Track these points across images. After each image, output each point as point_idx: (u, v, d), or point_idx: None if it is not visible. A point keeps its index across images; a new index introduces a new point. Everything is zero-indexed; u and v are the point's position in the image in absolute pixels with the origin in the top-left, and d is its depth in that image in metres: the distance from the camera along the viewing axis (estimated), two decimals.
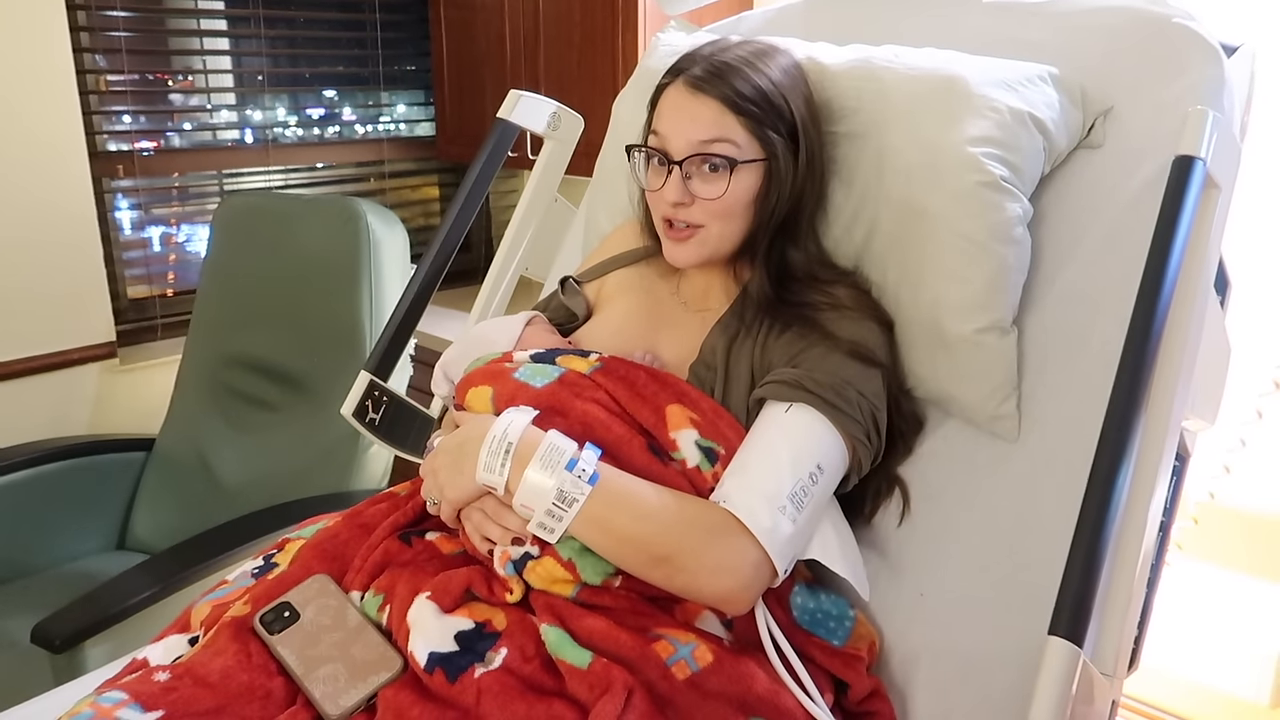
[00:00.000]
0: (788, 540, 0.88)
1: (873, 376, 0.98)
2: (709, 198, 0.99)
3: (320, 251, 1.99)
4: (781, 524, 0.88)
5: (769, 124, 0.99)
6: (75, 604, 1.50)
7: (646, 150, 1.04)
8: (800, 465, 0.91)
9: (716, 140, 0.98)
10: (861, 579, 0.97)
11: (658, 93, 1.05)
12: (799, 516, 0.89)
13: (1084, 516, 0.78)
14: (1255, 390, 1.73)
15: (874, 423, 0.97)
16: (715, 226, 1.02)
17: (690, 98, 1.00)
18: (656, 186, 1.03)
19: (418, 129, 3.02)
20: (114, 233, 2.43)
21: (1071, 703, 0.73)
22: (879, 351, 1.00)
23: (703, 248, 1.03)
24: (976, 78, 1.03)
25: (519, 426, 0.90)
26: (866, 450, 0.96)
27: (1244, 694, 1.99)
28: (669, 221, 1.03)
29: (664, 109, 1.03)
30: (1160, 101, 1.04)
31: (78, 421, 2.35)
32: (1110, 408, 0.81)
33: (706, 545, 0.87)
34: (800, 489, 0.90)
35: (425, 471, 0.98)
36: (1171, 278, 0.83)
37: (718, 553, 0.87)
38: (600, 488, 0.87)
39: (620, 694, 0.78)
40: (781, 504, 0.88)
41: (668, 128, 1.01)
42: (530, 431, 0.90)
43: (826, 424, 0.93)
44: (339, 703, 0.83)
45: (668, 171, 1.01)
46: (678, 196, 1.00)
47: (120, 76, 2.40)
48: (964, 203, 0.99)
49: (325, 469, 1.94)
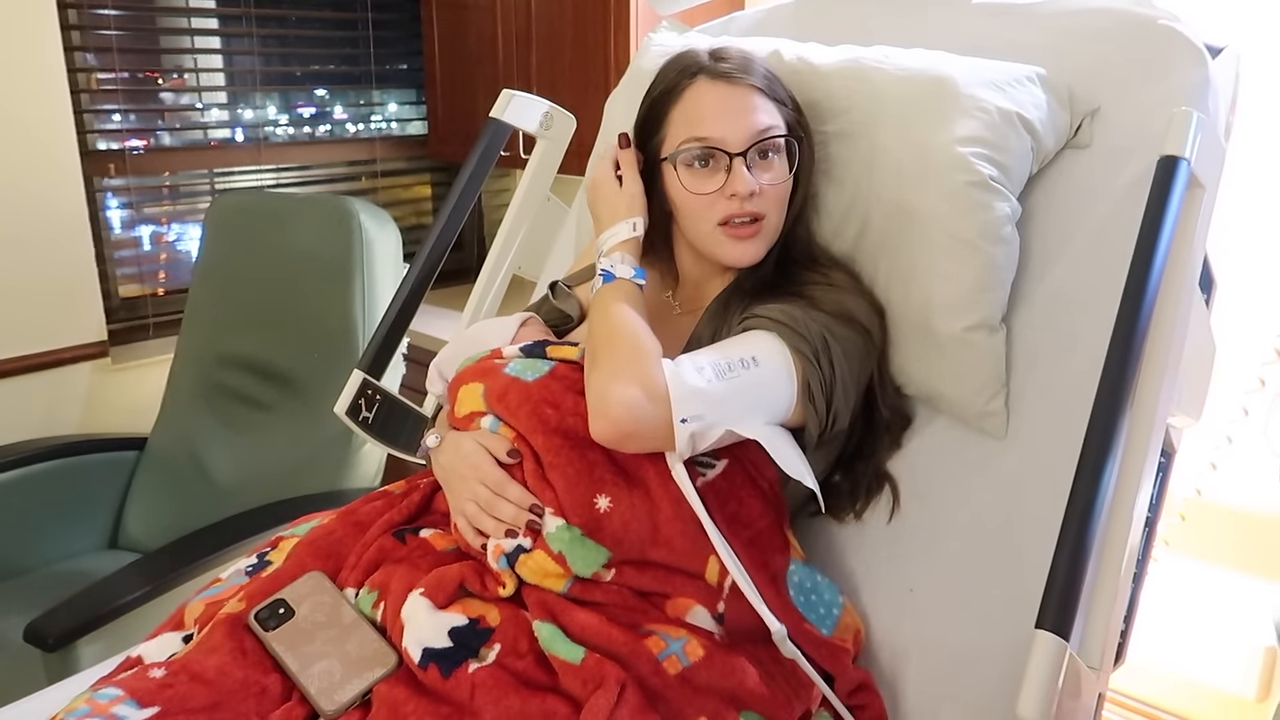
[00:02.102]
0: (692, 390, 0.89)
1: (849, 328, 0.98)
2: (775, 182, 1.00)
3: (312, 250, 1.99)
4: (690, 374, 0.90)
5: (791, 108, 1.03)
6: (68, 603, 1.50)
7: (699, 153, 0.99)
8: (730, 350, 0.93)
9: (770, 125, 0.99)
10: (807, 474, 0.94)
11: (674, 94, 1.01)
12: (715, 380, 0.90)
13: (1070, 512, 0.79)
14: (1241, 388, 1.74)
15: (825, 348, 0.95)
16: (774, 214, 1.01)
17: (730, 89, 0.99)
18: (713, 188, 0.99)
19: (410, 128, 3.02)
20: (105, 232, 2.43)
21: (1058, 696, 0.74)
22: (862, 316, 1.01)
23: (766, 240, 1.02)
24: (965, 78, 1.04)
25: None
26: (814, 372, 0.94)
27: (1231, 688, 2.01)
28: (727, 221, 0.99)
29: (704, 108, 0.99)
30: (1146, 102, 1.05)
31: (69, 421, 2.34)
32: (1096, 405, 0.82)
33: (626, 360, 0.90)
34: (725, 364, 0.92)
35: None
36: (1156, 276, 0.84)
37: (630, 368, 0.90)
38: (617, 285, 0.97)
39: (613, 689, 0.79)
40: (700, 365, 0.91)
41: (717, 124, 0.98)
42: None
43: (773, 337, 0.95)
44: (334, 699, 0.84)
45: (726, 169, 0.98)
46: (750, 186, 0.97)
47: (111, 75, 2.40)
48: (953, 202, 0.99)
49: (318, 467, 1.94)
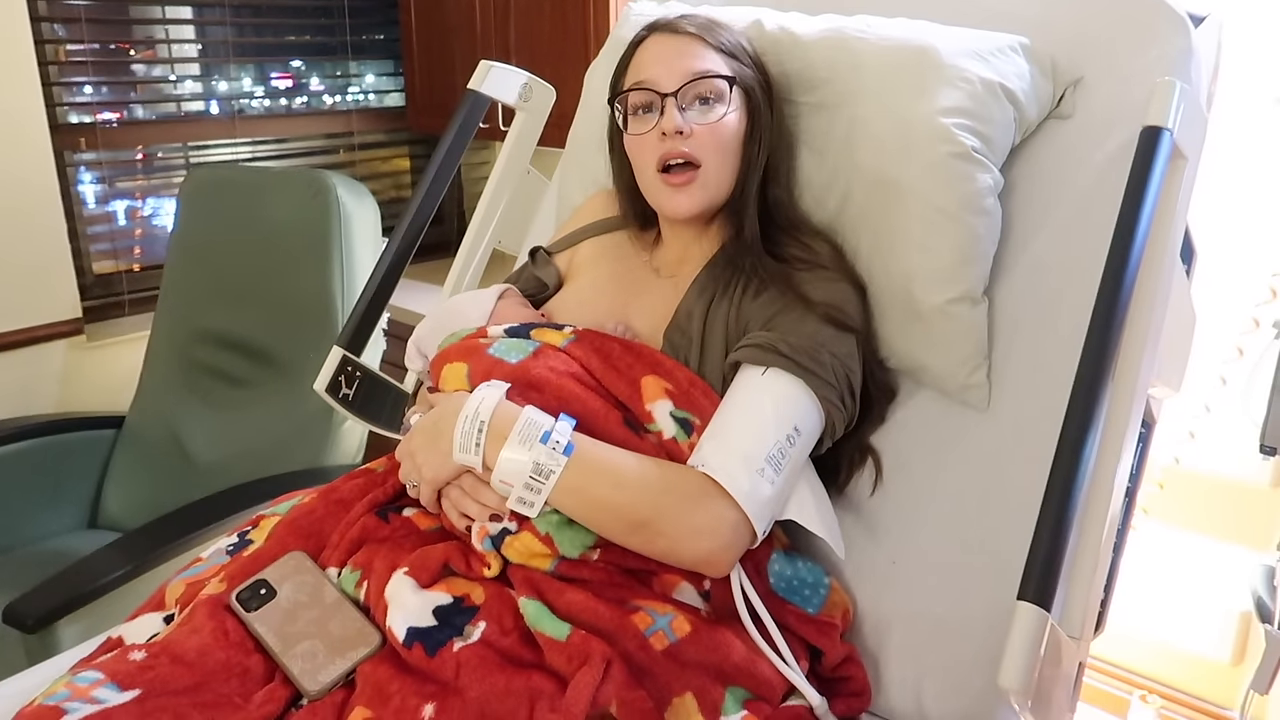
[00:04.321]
0: (766, 502, 0.89)
1: (847, 340, 0.98)
2: (708, 122, 1.00)
3: (290, 225, 1.96)
4: (760, 485, 0.89)
5: (745, 63, 1.03)
6: (47, 583, 1.48)
7: (629, 95, 1.03)
8: (778, 427, 0.91)
9: (707, 69, 1.00)
10: (837, 539, 0.98)
11: (630, 52, 1.05)
12: (776, 478, 0.90)
13: (1052, 483, 0.79)
14: (1219, 357, 1.76)
15: (848, 386, 0.97)
16: (713, 163, 1.01)
17: (672, 38, 1.02)
18: (645, 129, 1.02)
19: (387, 100, 2.97)
20: (77, 207, 2.38)
21: (1040, 665, 0.75)
22: (854, 315, 1.01)
23: (704, 191, 1.02)
24: (948, 48, 1.03)
25: (491, 403, 0.90)
26: (840, 414, 0.97)
27: (1207, 653, 2.04)
28: (665, 167, 1.01)
29: (644, 58, 1.03)
30: (1129, 72, 1.04)
31: (45, 399, 2.31)
32: (1078, 375, 0.82)
33: (685, 509, 0.88)
34: (778, 450, 0.90)
35: (402, 454, 0.97)
36: (1139, 247, 0.84)
37: (697, 516, 0.88)
38: (576, 458, 0.87)
39: (599, 665, 0.79)
40: (760, 466, 0.89)
41: (654, 69, 1.01)
42: (504, 406, 0.90)
43: (802, 386, 0.93)
44: (318, 679, 0.83)
45: (659, 111, 1.00)
46: (677, 122, 0.98)
47: (80, 46, 2.34)
48: (935, 173, 0.99)
49: (299, 445, 1.92)
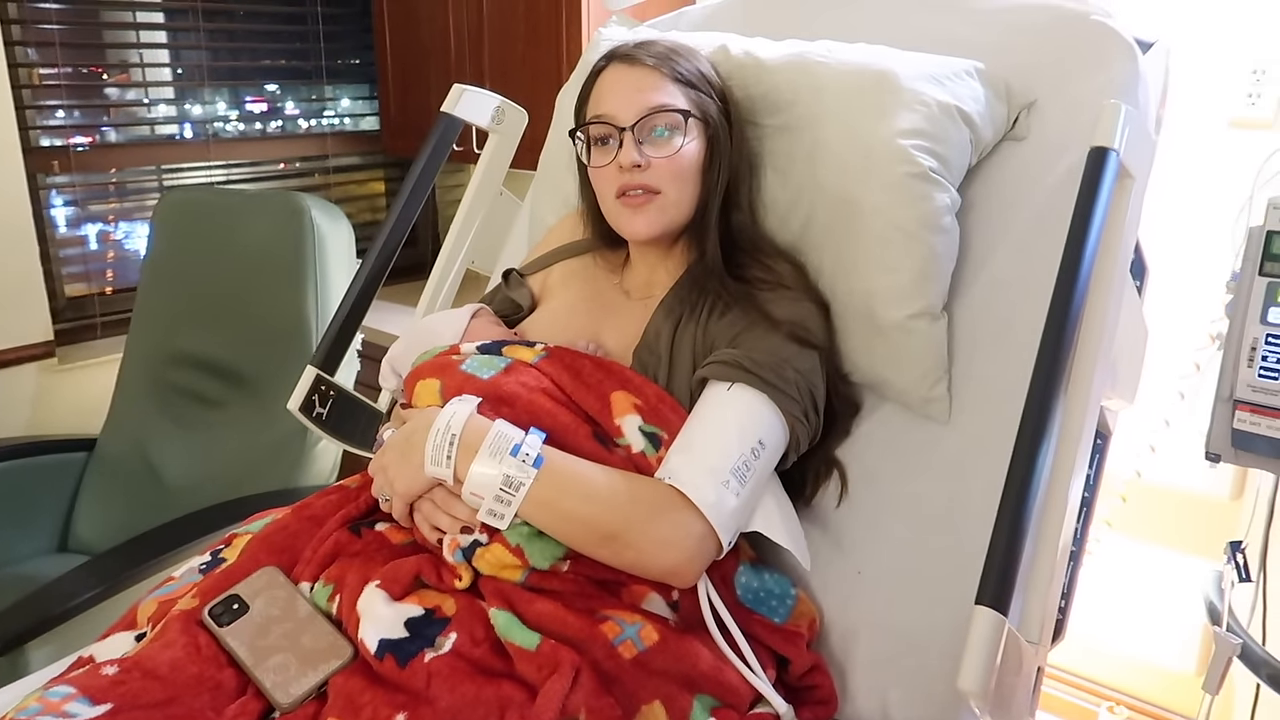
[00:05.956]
0: (731, 513, 0.91)
1: (810, 356, 1.01)
2: (664, 155, 1.02)
3: (264, 247, 1.96)
4: (725, 497, 0.91)
5: (704, 91, 1.05)
6: (16, 606, 1.47)
7: (589, 127, 1.05)
8: (743, 441, 0.94)
9: (663, 103, 1.02)
10: (803, 550, 1.00)
11: (590, 81, 1.07)
12: (741, 490, 0.92)
13: (1007, 491, 0.81)
14: (1178, 373, 1.80)
15: (812, 401, 1.00)
16: (672, 190, 1.03)
17: (629, 70, 1.03)
18: (605, 161, 1.03)
19: (362, 123, 2.99)
20: (50, 230, 2.37)
21: (998, 670, 0.76)
22: (817, 333, 1.03)
23: (662, 215, 1.04)
24: (906, 72, 1.07)
25: (462, 416, 0.91)
26: (804, 428, 0.99)
27: (1172, 665, 2.07)
28: (623, 192, 1.03)
29: (602, 89, 1.05)
30: (1079, 95, 1.08)
31: (16, 422, 2.30)
32: (1031, 387, 0.84)
33: (652, 521, 0.90)
34: (743, 463, 0.92)
35: (374, 469, 0.98)
36: (1088, 263, 0.87)
37: (663, 528, 0.90)
38: (545, 471, 0.89)
39: (568, 673, 0.80)
40: (725, 478, 0.91)
41: (611, 102, 1.03)
42: (475, 420, 0.92)
43: (766, 401, 0.96)
44: (290, 691, 0.84)
45: (618, 144, 1.02)
46: (634, 158, 1.01)
47: (54, 70, 2.34)
48: (894, 193, 1.02)
49: (273, 465, 1.92)
